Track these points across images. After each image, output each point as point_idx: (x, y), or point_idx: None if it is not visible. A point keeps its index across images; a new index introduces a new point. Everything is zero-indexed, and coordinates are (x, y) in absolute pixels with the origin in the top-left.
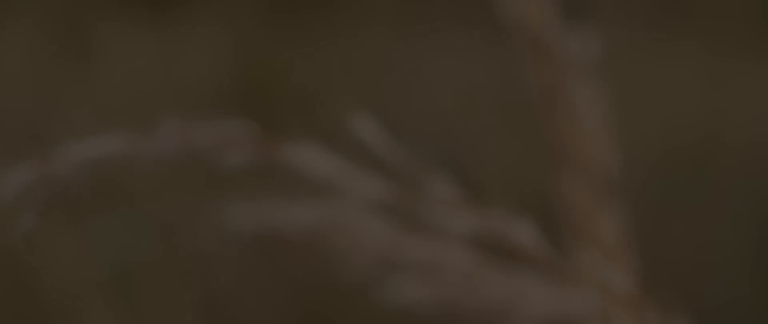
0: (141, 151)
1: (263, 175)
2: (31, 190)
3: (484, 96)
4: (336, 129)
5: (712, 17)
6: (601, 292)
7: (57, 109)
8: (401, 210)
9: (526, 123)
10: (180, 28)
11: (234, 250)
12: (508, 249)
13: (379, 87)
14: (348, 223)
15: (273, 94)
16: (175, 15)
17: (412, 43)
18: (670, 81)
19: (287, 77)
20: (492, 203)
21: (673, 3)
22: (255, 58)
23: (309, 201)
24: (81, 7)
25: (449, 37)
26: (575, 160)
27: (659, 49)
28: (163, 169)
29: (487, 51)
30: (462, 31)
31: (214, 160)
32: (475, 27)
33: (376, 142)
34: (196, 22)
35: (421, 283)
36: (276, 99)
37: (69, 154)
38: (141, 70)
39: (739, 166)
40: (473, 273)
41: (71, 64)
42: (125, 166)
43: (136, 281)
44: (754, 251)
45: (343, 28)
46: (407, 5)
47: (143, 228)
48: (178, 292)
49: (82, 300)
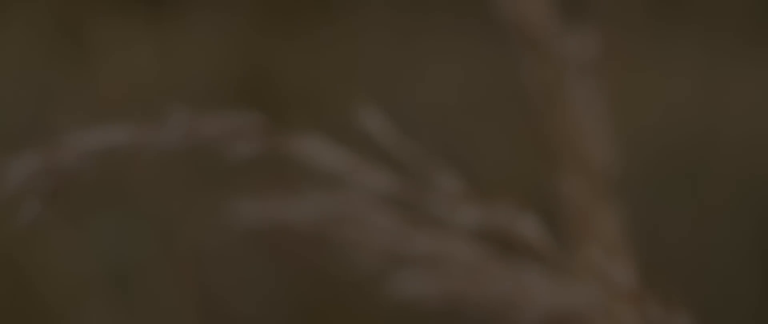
0: (147, 141)
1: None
2: (35, 180)
3: (482, 96)
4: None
5: (709, 15)
6: (604, 286)
7: (54, 107)
8: (407, 203)
9: (524, 122)
10: (176, 27)
11: (232, 249)
12: (512, 243)
13: (377, 86)
14: (354, 216)
15: (269, 93)
16: (171, 14)
17: (410, 43)
18: (667, 78)
19: (284, 76)
20: (497, 197)
21: (669, 1)
22: (251, 57)
23: (315, 194)
24: (78, 6)
25: (447, 38)
26: (574, 158)
27: (656, 48)
28: (161, 167)
29: (485, 51)
30: (460, 31)
31: (221, 151)
32: (472, 27)
33: (382, 136)
34: (193, 21)
35: (427, 276)
36: (272, 98)
37: (74, 143)
38: (138, 69)
39: (735, 163)
40: (478, 266)
41: (68, 62)
42: (131, 156)
43: (134, 280)
44: (751, 248)
45: (340, 28)
46: (405, 5)
47: (141, 227)
48: (175, 290)
49: (79, 298)
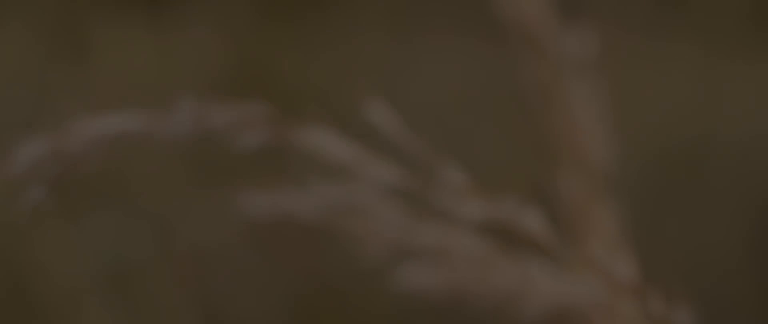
0: (156, 129)
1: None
2: (41, 165)
3: (479, 95)
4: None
5: (707, 15)
6: (606, 281)
7: (53, 108)
8: (413, 196)
9: (521, 122)
10: (176, 26)
11: (231, 248)
12: (516, 237)
13: (374, 85)
14: (361, 208)
15: (268, 92)
16: (171, 13)
17: (407, 43)
18: (665, 79)
19: (282, 75)
20: (501, 192)
21: (667, 1)
22: (250, 56)
23: (321, 186)
24: (77, 6)
25: (444, 37)
26: (572, 156)
27: (654, 48)
28: (160, 166)
29: (482, 50)
30: (457, 30)
31: (228, 140)
32: (469, 26)
33: (388, 129)
34: (192, 20)
35: (431, 268)
36: (271, 96)
37: (83, 129)
38: (137, 68)
39: (733, 163)
40: (482, 260)
41: (67, 62)
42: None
43: (132, 279)
44: (748, 248)
45: (338, 28)
46: (402, 4)
47: (140, 225)
48: (174, 290)
49: (77, 297)
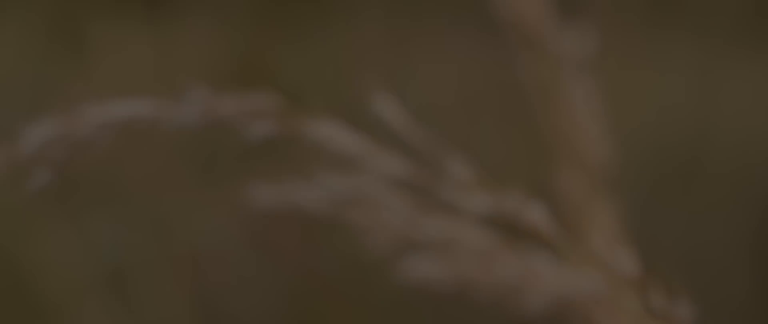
0: (165, 116)
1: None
2: (49, 148)
3: (478, 94)
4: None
5: (704, 14)
6: (608, 274)
7: (51, 105)
8: (419, 189)
9: (520, 119)
10: (173, 26)
11: (229, 248)
12: (520, 230)
13: (371, 85)
14: (368, 199)
15: (265, 90)
16: (168, 13)
17: (404, 43)
18: (662, 77)
19: (279, 74)
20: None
21: (664, 0)
22: (247, 56)
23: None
24: (74, 5)
25: (441, 34)
26: (571, 154)
27: (651, 46)
28: (158, 166)
29: (481, 48)
30: (455, 30)
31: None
32: (468, 25)
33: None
34: (190, 19)
35: (436, 260)
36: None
37: (94, 114)
38: (135, 67)
39: (730, 160)
40: (487, 252)
41: (65, 61)
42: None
43: (131, 278)
44: (745, 245)
45: (336, 26)
46: (401, 3)
47: (138, 226)
48: (172, 289)
49: (76, 297)
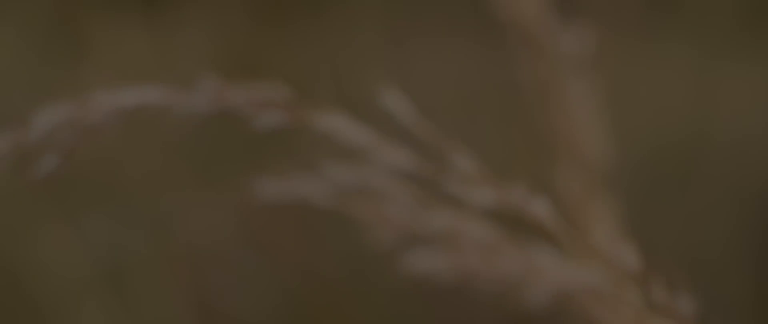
0: (175, 103)
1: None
2: (58, 133)
3: (476, 94)
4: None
5: (700, 16)
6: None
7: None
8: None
9: (519, 119)
10: (172, 23)
11: (227, 247)
12: (524, 224)
13: (368, 84)
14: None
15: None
16: (166, 10)
17: (401, 42)
18: (658, 78)
19: (277, 72)
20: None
21: (661, 1)
22: (245, 57)
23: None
24: (72, 7)
25: (439, 35)
26: (569, 152)
27: (647, 47)
28: (155, 165)
29: (479, 49)
30: (452, 30)
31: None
32: (465, 26)
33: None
34: (188, 17)
35: (441, 252)
36: None
37: (105, 100)
38: (132, 64)
39: (726, 161)
40: (491, 245)
41: (62, 59)
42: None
43: (129, 277)
44: (741, 245)
45: (333, 28)
46: (398, 4)
47: (135, 223)
48: (170, 289)
49: (72, 297)
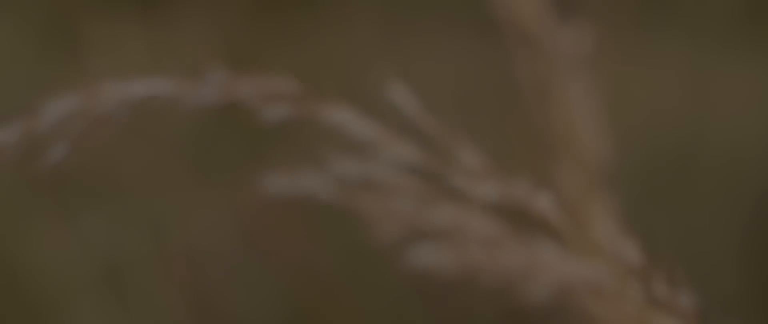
0: (185, 94)
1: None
2: (68, 122)
3: (473, 93)
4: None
5: (697, 14)
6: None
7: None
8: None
9: (515, 118)
10: (168, 24)
11: (224, 246)
12: (528, 218)
13: (367, 80)
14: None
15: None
16: (163, 11)
17: (397, 42)
18: (655, 78)
19: (274, 71)
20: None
21: (657, 1)
22: (242, 55)
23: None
24: (68, 5)
25: (437, 33)
26: (567, 151)
27: (644, 47)
28: (152, 164)
29: (476, 48)
30: (450, 29)
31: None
32: (462, 25)
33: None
34: (184, 18)
35: (445, 247)
36: None
37: (115, 90)
38: (129, 68)
39: (722, 159)
40: (495, 239)
41: (59, 60)
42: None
43: (126, 278)
44: (738, 243)
45: (330, 27)
46: (395, 3)
47: (132, 222)
48: (167, 287)
49: (70, 296)
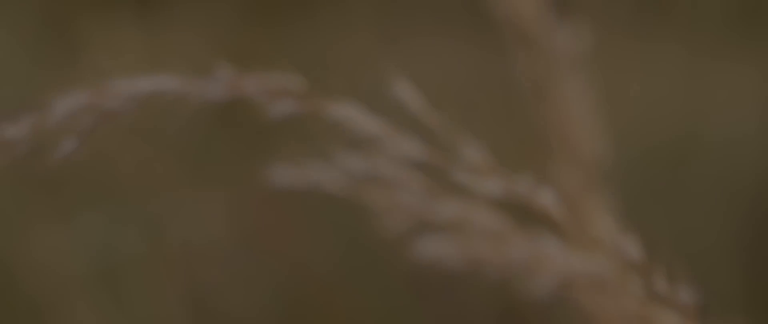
0: (192, 91)
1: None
2: (77, 117)
3: (470, 93)
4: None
5: (691, 15)
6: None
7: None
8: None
9: (513, 116)
10: (164, 23)
11: (221, 246)
12: (531, 213)
13: (365, 81)
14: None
15: None
16: (159, 15)
17: (393, 42)
18: (650, 78)
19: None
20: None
21: (653, 1)
22: (238, 58)
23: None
24: (65, 8)
25: (433, 34)
26: (565, 150)
27: (639, 47)
28: (151, 163)
29: (472, 49)
30: (446, 29)
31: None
32: (459, 25)
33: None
34: (181, 17)
35: (449, 241)
36: None
37: (123, 86)
38: (125, 64)
39: (717, 159)
40: (498, 233)
41: (55, 59)
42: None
43: (122, 277)
44: (732, 242)
45: (325, 29)
46: (391, 4)
47: (129, 222)
48: (165, 288)
49: (67, 296)
